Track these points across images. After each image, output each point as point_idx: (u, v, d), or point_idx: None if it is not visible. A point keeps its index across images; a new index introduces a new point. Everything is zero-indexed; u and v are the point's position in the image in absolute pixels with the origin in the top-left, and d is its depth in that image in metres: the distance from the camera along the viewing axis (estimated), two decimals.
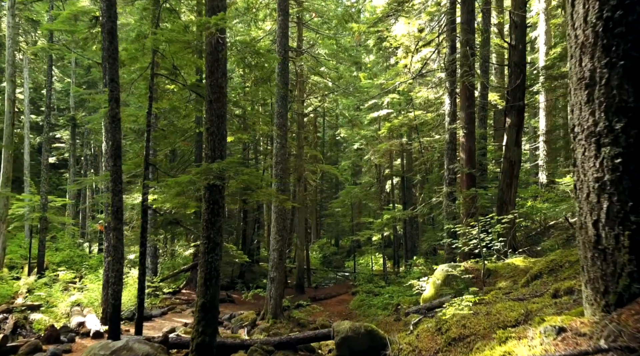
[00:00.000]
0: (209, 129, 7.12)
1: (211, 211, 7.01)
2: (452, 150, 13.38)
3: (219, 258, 7.02)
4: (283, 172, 14.29)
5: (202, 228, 7.05)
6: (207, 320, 6.74)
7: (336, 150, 43.33)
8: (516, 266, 8.27)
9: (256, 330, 12.77)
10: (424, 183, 26.32)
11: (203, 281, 6.87)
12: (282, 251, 14.15)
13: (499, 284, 7.60)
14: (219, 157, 7.02)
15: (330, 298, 19.96)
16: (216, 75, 7.24)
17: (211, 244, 6.97)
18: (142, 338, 6.98)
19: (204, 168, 6.60)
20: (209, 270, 6.89)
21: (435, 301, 7.95)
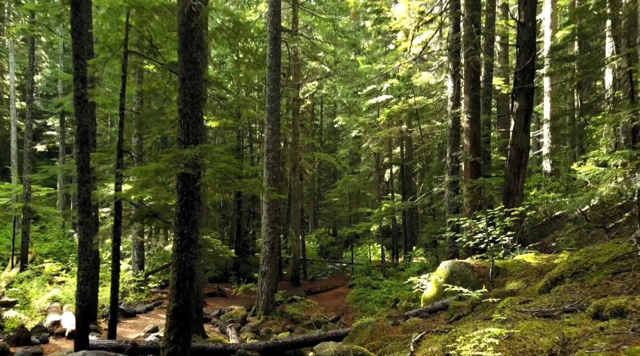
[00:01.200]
0: (182, 111, 6.26)
1: (185, 203, 6.18)
2: (455, 136, 12.52)
3: (194, 256, 6.21)
4: (275, 161, 13.46)
5: (175, 223, 6.23)
6: (180, 327, 5.95)
7: (334, 138, 42.42)
8: (527, 263, 7.46)
9: (246, 328, 12.03)
10: (424, 172, 25.50)
11: (175, 283, 6.07)
12: (274, 243, 13.38)
13: (510, 285, 6.80)
14: (194, 143, 6.17)
15: (327, 291, 19.24)
16: (190, 49, 6.36)
17: (185, 241, 6.15)
18: (103, 353, 6.18)
19: (174, 155, 5.76)
20: (183, 270, 6.08)
21: (437, 303, 7.16)
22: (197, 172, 6.03)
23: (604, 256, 4.71)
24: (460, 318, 6.11)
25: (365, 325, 6.90)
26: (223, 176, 6.19)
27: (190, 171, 5.87)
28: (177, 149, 5.96)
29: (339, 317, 14.95)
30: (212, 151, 5.99)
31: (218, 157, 6.12)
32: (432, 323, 6.45)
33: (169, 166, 5.81)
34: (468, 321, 5.75)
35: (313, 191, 36.85)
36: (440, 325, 6.12)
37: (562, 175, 22.70)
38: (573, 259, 5.06)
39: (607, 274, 4.33)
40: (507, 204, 11.07)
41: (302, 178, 25.34)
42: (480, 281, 7.43)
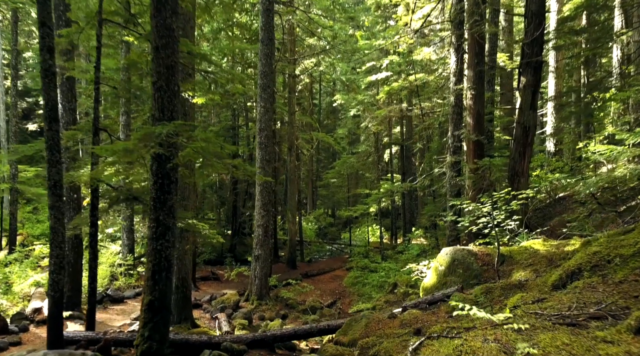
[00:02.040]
0: (156, 84, 5.60)
1: (160, 187, 5.58)
2: (458, 114, 11.84)
3: (171, 245, 5.64)
4: (268, 140, 12.82)
5: (150, 208, 5.64)
6: (156, 322, 5.42)
7: (333, 118, 41.60)
8: (535, 250, 6.91)
9: (238, 314, 11.58)
10: (424, 152, 24.86)
11: (150, 274, 5.51)
12: (267, 226, 12.85)
13: (517, 275, 6.26)
14: (169, 119, 5.53)
15: (324, 273, 18.81)
16: (164, 14, 5.66)
17: (161, 229, 5.57)
18: (67, 352, 5.66)
19: (145, 133, 5.13)
20: (158, 261, 5.52)
21: (438, 294, 6.63)
22: (171, 153, 5.41)
23: (629, 247, 4.14)
24: None
25: (359, 318, 6.39)
26: (203, 157, 5.58)
27: (163, 150, 5.25)
28: (147, 126, 5.33)
29: (335, 302, 14.53)
30: (188, 129, 5.35)
31: (195, 136, 5.49)
32: (432, 316, 5.94)
33: (138, 145, 5.19)
34: None
35: (311, 172, 36.26)
36: (441, 319, 5.60)
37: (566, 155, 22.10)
38: (592, 249, 4.49)
39: (634, 268, 3.77)
40: (512, 186, 10.49)
41: (299, 159, 24.70)
42: (484, 270, 6.90)
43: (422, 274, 8.67)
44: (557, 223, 10.93)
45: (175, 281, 9.82)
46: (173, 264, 5.70)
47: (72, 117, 10.22)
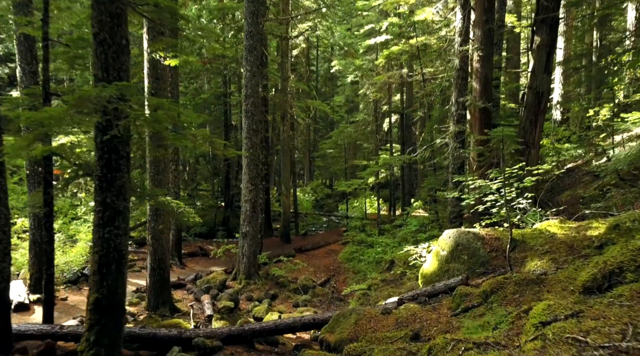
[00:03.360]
0: (98, 36, 4.54)
1: (107, 163, 4.61)
2: (463, 79, 10.73)
3: (122, 232, 4.72)
4: (255, 108, 11.75)
5: (95, 189, 4.69)
6: (104, 324, 4.56)
7: (331, 85, 40.17)
8: (551, 234, 6.02)
9: (224, 295, 10.83)
10: (425, 121, 23.75)
11: (97, 268, 4.62)
12: (255, 202, 11.95)
13: (531, 265, 5.38)
14: (116, 80, 4.50)
15: (318, 248, 18.06)
16: None
17: (109, 213, 4.64)
18: None
19: (79, 96, 4.11)
20: (106, 251, 4.61)
21: (439, 284, 5.78)
22: (116, 122, 4.40)
23: None
24: (469, 309, 4.73)
25: (348, 313, 5.55)
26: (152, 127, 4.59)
27: (100, 118, 4.25)
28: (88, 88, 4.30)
29: (329, 279, 13.81)
30: (137, 92, 4.34)
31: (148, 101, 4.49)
32: (432, 313, 5.09)
33: (69, 112, 4.19)
34: (480, 317, 4.36)
35: (308, 142, 35.16)
36: (443, 320, 4.74)
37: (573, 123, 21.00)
38: (636, 245, 3.57)
39: None
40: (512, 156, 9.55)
41: (294, 128, 23.61)
42: (492, 257, 6.02)
43: (421, 259, 7.83)
44: (570, 198, 10.02)
45: (151, 262, 9.02)
46: (125, 255, 4.79)
47: (32, 81, 9.15)
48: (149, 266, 9.02)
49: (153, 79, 8.75)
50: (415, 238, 13.78)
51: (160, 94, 8.82)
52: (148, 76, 8.73)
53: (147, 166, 8.99)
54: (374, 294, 11.13)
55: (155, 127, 4.58)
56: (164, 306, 9.03)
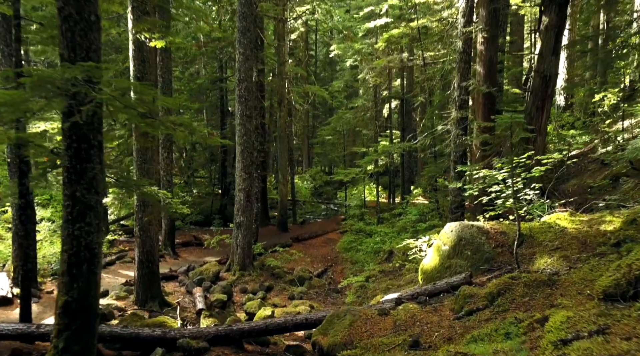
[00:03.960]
0: (62, 11, 4.06)
1: (75, 153, 4.17)
2: (466, 62, 10.21)
3: (94, 229, 4.30)
4: (249, 93, 11.27)
5: (63, 182, 4.26)
6: (75, 330, 4.17)
7: (330, 70, 39.47)
8: (561, 228, 5.61)
9: (217, 288, 10.47)
10: (425, 107, 23.23)
11: (66, 268, 4.21)
12: (250, 190, 11.53)
13: (540, 262, 4.98)
14: (84, 59, 4.03)
15: (316, 237, 17.72)
16: None
17: (79, 208, 4.22)
18: None
19: (39, 78, 3.66)
20: (77, 250, 4.20)
21: (440, 283, 5.39)
22: (85, 107, 3.94)
23: None
24: (474, 313, 4.34)
25: (342, 314, 5.16)
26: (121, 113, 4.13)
27: (66, 102, 3.80)
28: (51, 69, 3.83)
29: (327, 270, 13.47)
30: (106, 73, 3.88)
31: (120, 84, 4.03)
32: (433, 315, 4.70)
33: (25, 96, 3.73)
34: (487, 323, 3.96)
35: (307, 128, 34.61)
36: (445, 323, 4.35)
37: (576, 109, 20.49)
38: None
39: None
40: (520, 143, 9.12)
41: (292, 114, 23.10)
42: (497, 253, 5.62)
43: (421, 254, 7.43)
44: (577, 188, 9.61)
45: (139, 255, 8.63)
46: (98, 254, 4.38)
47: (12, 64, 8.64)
48: (136, 258, 8.64)
49: (139, 62, 8.26)
50: (415, 228, 13.40)
51: (146, 78, 8.35)
52: (133, 59, 8.24)
53: (133, 154, 8.55)
54: (372, 286, 10.79)
55: (127, 113, 4.12)
56: (152, 301, 8.67)
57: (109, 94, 3.66)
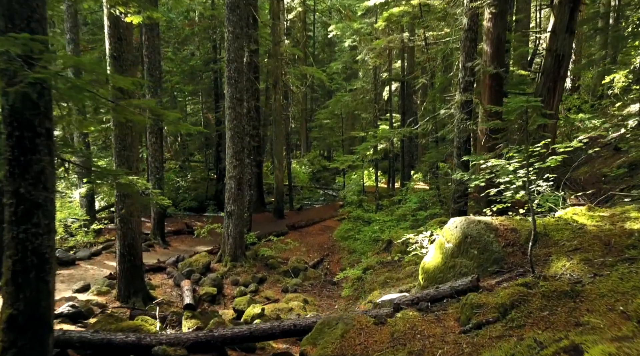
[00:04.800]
0: None
1: (18, 142, 3.56)
2: (471, 41, 9.49)
3: (43, 231, 3.71)
4: (239, 74, 10.58)
5: (5, 176, 3.65)
6: (22, 347, 3.60)
7: (329, 51, 38.50)
8: (580, 225, 5.02)
9: (206, 280, 9.96)
10: (426, 89, 22.48)
11: (11, 276, 3.63)
12: (241, 178, 10.93)
13: (558, 266, 4.40)
14: (26, 32, 3.37)
15: (313, 224, 17.17)
16: None
17: (24, 206, 3.63)
18: None
19: None
20: (23, 256, 3.62)
21: (444, 287, 4.80)
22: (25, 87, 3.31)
23: None
24: (483, 326, 3.77)
25: (334, 321, 4.60)
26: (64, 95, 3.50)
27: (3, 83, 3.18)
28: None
29: (323, 260, 12.96)
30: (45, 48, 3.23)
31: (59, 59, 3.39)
32: (435, 326, 4.14)
33: None
34: (499, 341, 3.40)
35: (305, 111, 33.85)
36: (450, 337, 3.79)
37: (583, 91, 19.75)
38: None
39: None
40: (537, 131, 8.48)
41: (288, 97, 22.36)
42: (507, 253, 5.03)
43: (422, 250, 6.86)
44: (589, 176, 9.01)
45: (120, 248, 8.07)
46: (50, 259, 3.79)
47: None
48: (118, 252, 8.08)
49: (115, 39, 7.58)
50: (416, 217, 12.84)
51: (124, 58, 7.67)
52: (109, 37, 7.56)
53: (112, 140, 7.92)
54: (370, 278, 10.27)
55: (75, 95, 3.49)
56: (136, 296, 8.15)
57: (47, 73, 3.01)
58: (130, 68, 7.79)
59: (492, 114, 8.78)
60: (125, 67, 7.69)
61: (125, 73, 7.72)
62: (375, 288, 9.45)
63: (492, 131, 7.90)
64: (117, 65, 7.63)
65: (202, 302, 9.31)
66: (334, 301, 9.77)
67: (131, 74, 7.80)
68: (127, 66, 7.72)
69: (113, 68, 7.62)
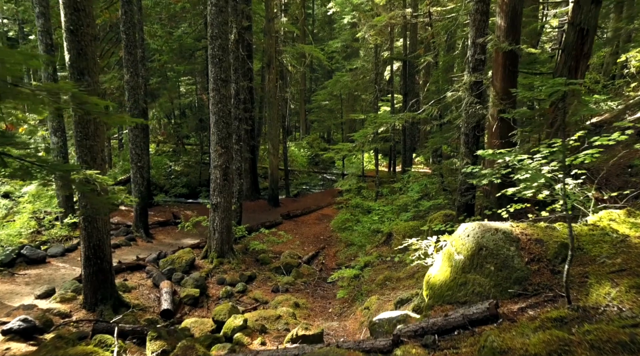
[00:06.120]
0: None
1: None
2: (482, 14, 8.39)
3: None
4: (224, 53, 9.53)
5: None
6: None
7: (329, 29, 37.09)
8: (622, 237, 4.08)
9: (189, 280, 9.11)
10: (429, 69, 21.32)
11: None
12: (227, 167, 9.98)
13: (599, 292, 3.47)
14: None
15: (309, 213, 16.33)
16: None
17: None
18: None
19: None
20: None
21: (454, 315, 3.90)
22: None
23: None
24: None
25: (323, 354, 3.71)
26: None
27: None
28: None
29: (318, 254, 12.09)
30: None
31: None
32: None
33: None
34: None
35: (304, 92, 32.68)
36: None
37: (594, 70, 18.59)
38: None
39: None
40: (556, 119, 7.50)
41: (284, 77, 21.22)
42: (532, 272, 4.10)
43: (424, 258, 5.93)
44: (612, 167, 8.02)
45: (85, 250, 7.18)
46: None
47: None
48: (82, 254, 7.19)
49: (71, 10, 6.54)
50: (418, 207, 11.91)
51: (83, 32, 6.63)
52: (64, 6, 6.53)
53: (73, 127, 6.95)
54: (367, 276, 9.40)
55: None
56: (104, 303, 7.29)
57: None
58: (91, 44, 6.76)
59: (505, 96, 7.78)
60: (84, 43, 6.67)
61: (85, 49, 6.71)
62: (373, 290, 8.59)
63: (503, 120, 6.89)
64: (75, 40, 6.60)
65: (183, 306, 8.48)
66: (328, 303, 8.92)
67: (92, 51, 6.77)
68: (86, 42, 6.69)
69: (70, 44, 6.60)
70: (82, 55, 6.70)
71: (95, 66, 6.90)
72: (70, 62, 6.69)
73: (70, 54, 6.67)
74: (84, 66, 6.73)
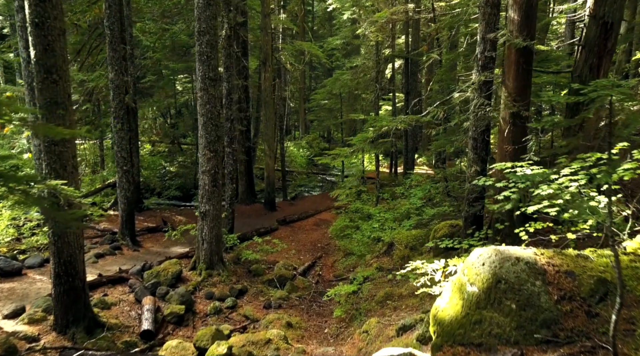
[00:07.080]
0: None
1: None
2: (494, 7, 7.68)
3: None
4: (212, 49, 8.83)
5: None
6: None
7: (329, 26, 36.37)
8: None
9: (174, 295, 8.43)
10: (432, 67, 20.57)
11: None
12: (216, 173, 9.30)
13: None
14: None
15: (307, 218, 15.63)
16: None
17: None
18: None
19: None
20: None
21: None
22: None
23: None
24: None
25: None
26: None
27: None
28: None
29: (314, 264, 11.40)
30: None
31: None
32: None
33: None
34: None
35: (304, 90, 31.99)
36: None
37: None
38: None
39: None
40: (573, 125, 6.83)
41: (282, 75, 20.52)
42: (563, 313, 3.40)
43: (433, 292, 5.21)
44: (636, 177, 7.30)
45: (55, 267, 6.51)
46: None
47: None
48: (52, 272, 6.52)
49: (36, 1, 5.88)
50: (421, 216, 11.22)
51: (50, 26, 5.96)
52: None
53: None
54: (367, 292, 8.70)
55: None
56: (76, 324, 6.62)
57: None
58: (59, 39, 6.07)
59: (518, 98, 7.08)
60: (52, 38, 5.99)
61: (53, 45, 6.03)
62: (373, 309, 7.90)
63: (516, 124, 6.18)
64: (41, 35, 5.93)
65: (166, 325, 7.80)
66: (324, 321, 8.24)
67: (60, 46, 6.08)
68: (54, 36, 6.01)
69: (35, 38, 5.92)
70: (50, 51, 6.02)
71: (65, 63, 6.21)
72: (36, 58, 6.02)
73: (36, 49, 5.99)
74: (52, 62, 6.04)
